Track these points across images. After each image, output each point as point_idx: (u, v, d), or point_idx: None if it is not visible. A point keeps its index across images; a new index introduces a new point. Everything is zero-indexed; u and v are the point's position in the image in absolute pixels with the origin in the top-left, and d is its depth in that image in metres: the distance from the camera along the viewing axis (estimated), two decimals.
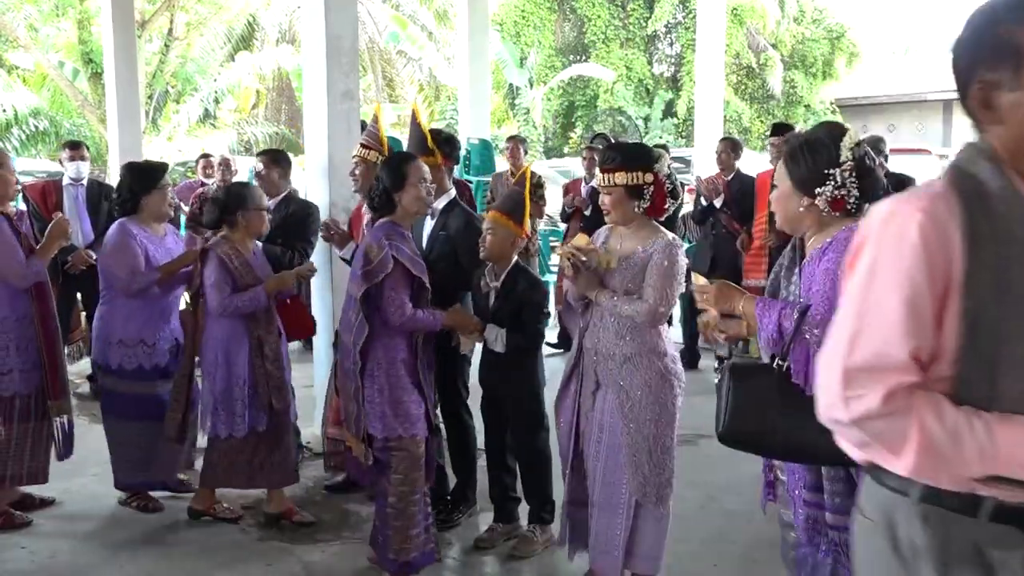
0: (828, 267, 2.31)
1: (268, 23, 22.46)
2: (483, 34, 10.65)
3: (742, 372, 2.37)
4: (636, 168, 3.06)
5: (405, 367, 3.40)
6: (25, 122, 17.15)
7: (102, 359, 4.17)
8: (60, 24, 18.64)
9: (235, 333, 3.93)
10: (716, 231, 6.69)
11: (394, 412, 3.34)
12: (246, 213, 3.96)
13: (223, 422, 3.92)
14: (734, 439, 2.34)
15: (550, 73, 23.70)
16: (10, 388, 3.97)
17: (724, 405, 2.32)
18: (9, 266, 3.90)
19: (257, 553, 3.78)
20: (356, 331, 3.35)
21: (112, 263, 4.09)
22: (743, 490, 4.16)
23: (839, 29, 25.45)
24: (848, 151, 2.35)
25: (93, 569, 3.69)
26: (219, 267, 3.87)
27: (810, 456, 2.29)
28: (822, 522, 2.40)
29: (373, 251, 3.30)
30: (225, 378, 3.91)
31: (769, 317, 2.35)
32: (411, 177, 3.43)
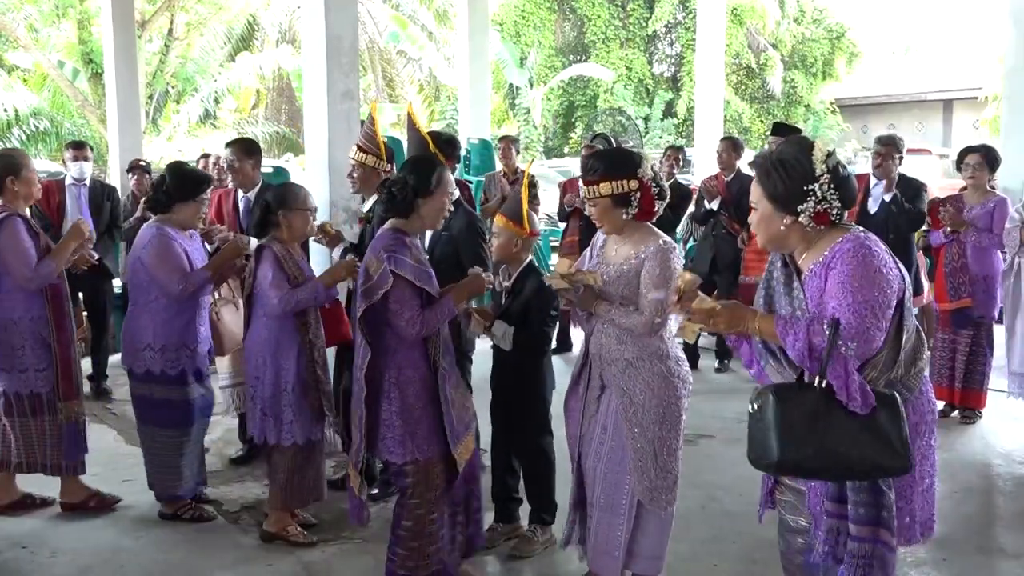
0: (843, 280, 2.27)
1: (268, 23, 22.45)
2: (483, 34, 10.66)
3: (782, 395, 2.31)
4: (620, 176, 3.02)
5: (424, 386, 3.18)
6: (26, 122, 17.14)
7: (139, 366, 4.02)
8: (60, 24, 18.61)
9: (284, 336, 3.78)
10: (716, 231, 6.70)
11: (412, 434, 3.15)
12: (289, 214, 3.81)
13: (270, 430, 3.79)
14: (791, 466, 2.30)
15: (550, 73, 23.71)
16: (27, 386, 4.05)
17: (773, 431, 2.26)
18: (18, 268, 3.94)
19: (257, 553, 3.79)
20: (361, 352, 3.15)
21: (159, 268, 3.94)
22: (743, 490, 4.16)
23: (839, 29, 25.46)
24: (822, 164, 2.33)
25: (93, 569, 3.69)
26: (275, 265, 3.74)
27: (857, 472, 2.29)
28: (844, 533, 2.38)
29: (372, 265, 3.10)
30: (273, 383, 3.77)
31: (795, 335, 2.30)
32: (441, 186, 3.21)
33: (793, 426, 2.26)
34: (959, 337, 5.54)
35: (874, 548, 2.35)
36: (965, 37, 29.94)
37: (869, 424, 2.23)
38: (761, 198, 2.42)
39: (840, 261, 2.30)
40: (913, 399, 2.40)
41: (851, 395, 2.24)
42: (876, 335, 2.26)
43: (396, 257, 3.08)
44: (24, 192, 4.07)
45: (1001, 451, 5.09)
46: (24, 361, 4.03)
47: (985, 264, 5.48)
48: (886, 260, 2.31)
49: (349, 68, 5.17)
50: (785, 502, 2.59)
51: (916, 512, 2.44)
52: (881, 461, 2.25)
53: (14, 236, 3.94)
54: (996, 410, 5.63)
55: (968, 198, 5.56)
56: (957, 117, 26.24)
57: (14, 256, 3.94)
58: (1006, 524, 4.12)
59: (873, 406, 2.24)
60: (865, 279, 2.26)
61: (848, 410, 2.24)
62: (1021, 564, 3.71)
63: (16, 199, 4.05)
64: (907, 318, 2.35)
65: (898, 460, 2.24)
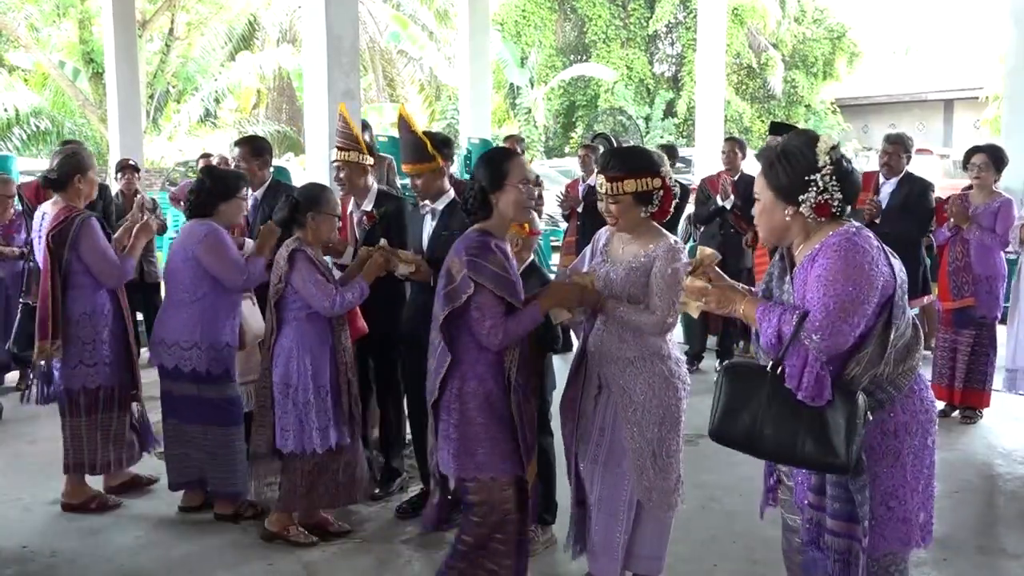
0: (820, 273, 2.29)
1: (269, 23, 22.48)
2: (484, 34, 10.67)
3: (737, 373, 2.45)
4: (644, 175, 3.01)
5: (489, 401, 2.94)
6: (26, 122, 17.18)
7: (185, 365, 3.97)
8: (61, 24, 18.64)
9: (318, 338, 3.70)
10: (724, 230, 6.69)
11: (468, 451, 2.93)
12: (317, 216, 3.71)
13: (309, 437, 3.67)
14: (724, 438, 2.44)
15: (551, 73, 23.72)
16: (96, 380, 4.12)
17: (716, 403, 2.41)
18: (105, 268, 4.07)
19: (258, 553, 3.78)
20: (439, 358, 2.96)
21: (218, 263, 3.91)
22: (743, 490, 4.16)
23: (840, 29, 25.46)
24: (825, 155, 2.34)
25: (93, 569, 3.69)
26: (313, 266, 3.64)
27: (796, 460, 2.36)
28: (823, 526, 2.40)
29: (455, 267, 2.90)
30: (308, 388, 3.66)
31: (769, 321, 2.35)
32: (512, 176, 2.98)
33: (733, 402, 2.38)
34: (960, 337, 5.54)
35: (850, 544, 2.36)
36: (966, 37, 29.95)
37: (817, 418, 2.27)
38: (764, 189, 2.44)
39: (823, 254, 2.32)
40: (902, 398, 2.38)
41: (802, 385, 2.29)
42: (844, 329, 2.26)
43: (476, 262, 2.87)
44: (86, 191, 4.21)
45: (1002, 451, 5.09)
46: (95, 355, 4.10)
47: (988, 264, 5.48)
48: (872, 257, 2.30)
49: (350, 68, 5.18)
50: (785, 501, 2.59)
51: (912, 514, 2.42)
52: (820, 456, 2.29)
53: (96, 236, 4.06)
54: (997, 410, 5.63)
55: (973, 198, 5.56)
56: (958, 117, 26.25)
57: (102, 256, 4.06)
58: (1007, 524, 4.11)
59: (828, 400, 2.27)
60: (841, 273, 2.26)
61: (799, 400, 2.29)
62: (1022, 564, 3.70)
63: (78, 197, 4.17)
64: (897, 315, 2.33)
65: (837, 459, 2.26)
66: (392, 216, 4.18)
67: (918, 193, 5.70)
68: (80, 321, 4.08)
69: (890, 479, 2.38)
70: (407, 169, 3.99)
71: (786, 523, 2.61)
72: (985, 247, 5.45)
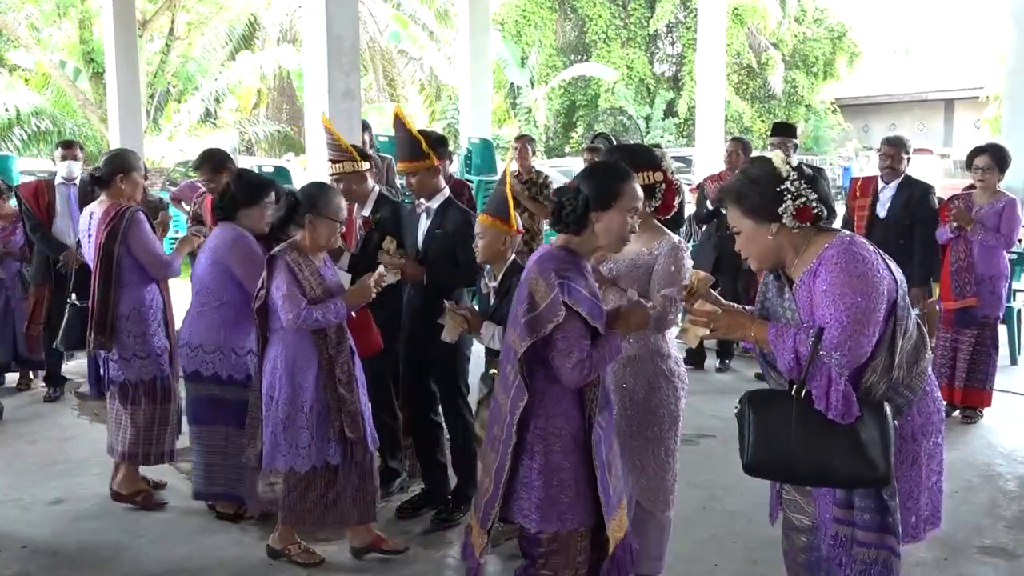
0: (826, 288, 2.28)
1: (269, 23, 22.48)
2: (484, 34, 10.67)
3: (762, 402, 2.37)
4: (646, 169, 3.02)
5: (573, 439, 2.63)
6: (27, 122, 17.16)
7: (207, 369, 3.94)
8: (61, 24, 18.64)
9: (301, 351, 3.52)
10: (721, 232, 6.69)
11: (554, 499, 2.63)
12: (316, 219, 3.52)
13: (283, 454, 3.53)
14: (760, 469, 2.35)
15: (551, 73, 23.72)
16: (149, 372, 4.21)
17: (747, 436, 2.32)
18: (154, 260, 4.19)
19: (258, 553, 3.78)
20: (514, 395, 2.61)
21: (247, 270, 3.83)
22: (743, 490, 4.15)
23: (840, 29, 25.47)
24: (784, 165, 2.37)
25: (94, 569, 3.69)
26: (288, 276, 3.46)
27: (837, 481, 2.32)
28: (851, 540, 2.39)
29: (540, 290, 2.55)
30: (288, 403, 3.51)
31: (784, 343, 2.33)
32: (624, 200, 2.64)
33: (765, 432, 2.31)
34: (961, 336, 5.54)
35: (879, 553, 2.36)
36: (966, 37, 29.93)
37: (850, 435, 2.24)
38: (740, 218, 2.43)
39: (824, 268, 2.30)
40: (917, 400, 2.39)
41: (831, 405, 2.25)
42: (862, 342, 2.26)
43: (570, 286, 2.53)
44: (129, 191, 4.27)
45: (1002, 451, 5.08)
46: (147, 348, 4.19)
47: (991, 264, 5.47)
48: (873, 264, 2.29)
49: (350, 67, 5.18)
50: (790, 501, 2.59)
51: (922, 511, 2.45)
52: (860, 473, 2.26)
53: (143, 229, 4.17)
54: (997, 410, 5.63)
55: (977, 198, 5.55)
56: (958, 117, 26.25)
57: (150, 249, 4.18)
58: (1007, 524, 4.11)
59: (857, 416, 2.24)
60: (848, 286, 2.25)
61: (828, 420, 2.25)
62: (1022, 564, 3.70)
63: (121, 197, 4.23)
64: (903, 318, 2.33)
65: (877, 473, 2.25)
66: (388, 222, 4.17)
67: (919, 197, 5.71)
68: (131, 316, 4.16)
69: (908, 481, 2.40)
70: (401, 167, 4.00)
71: (790, 522, 2.60)
72: (989, 247, 5.45)
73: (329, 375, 3.52)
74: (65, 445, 5.17)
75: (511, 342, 2.64)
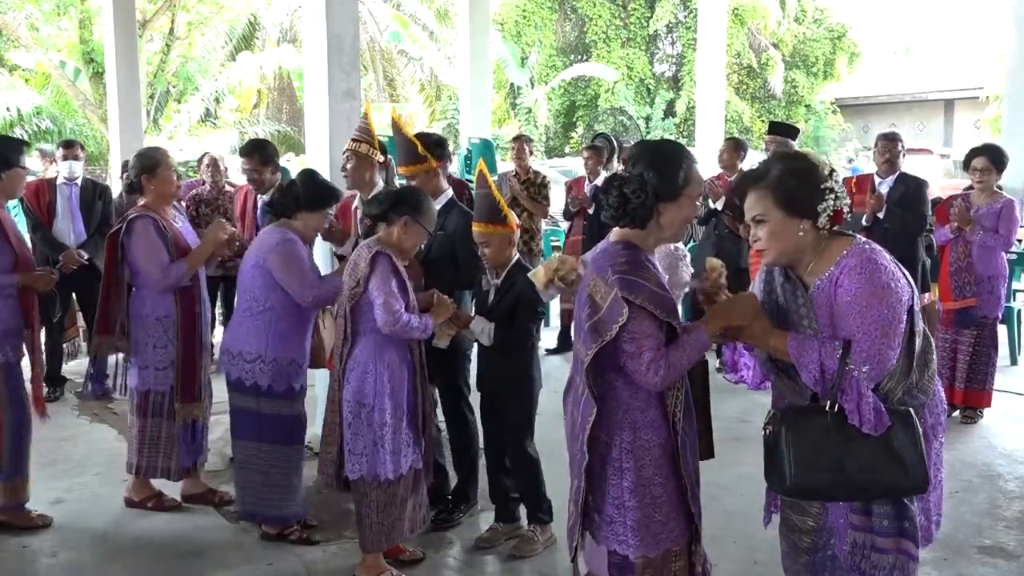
0: (851, 300, 2.25)
1: (269, 23, 22.46)
2: (484, 34, 10.66)
3: (795, 419, 2.30)
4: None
5: (663, 451, 2.44)
6: (28, 121, 17.15)
7: (248, 379, 3.73)
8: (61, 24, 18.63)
9: (398, 352, 3.38)
10: (719, 231, 6.71)
11: (648, 519, 2.44)
12: (411, 224, 3.39)
13: (386, 463, 3.33)
14: (805, 490, 2.30)
15: (551, 73, 23.71)
16: (146, 384, 4.06)
17: (787, 457, 2.26)
18: (148, 269, 3.97)
19: (258, 553, 3.79)
20: (583, 408, 2.43)
21: (290, 276, 3.65)
22: (743, 490, 4.15)
23: (840, 29, 25.45)
24: (827, 166, 2.34)
25: (94, 569, 3.69)
26: (393, 276, 3.30)
27: (882, 492, 2.29)
28: (870, 547, 2.37)
29: (600, 290, 2.37)
30: (389, 410, 3.33)
31: (809, 356, 2.28)
32: (691, 187, 2.44)
33: (806, 452, 2.25)
34: (961, 336, 5.54)
35: (897, 559, 2.35)
36: (966, 37, 29.93)
37: (885, 446, 2.22)
38: (771, 208, 2.34)
39: (847, 278, 2.27)
40: (929, 402, 2.40)
41: (864, 418, 2.22)
42: (889, 355, 2.24)
43: (629, 280, 2.33)
44: (160, 190, 4.07)
45: (1002, 451, 5.09)
46: (146, 358, 4.04)
47: (990, 264, 5.48)
48: (893, 272, 2.28)
49: (350, 67, 5.17)
50: (790, 501, 2.58)
51: (932, 511, 2.47)
52: (898, 482, 2.24)
53: (144, 236, 3.97)
54: (998, 410, 5.63)
55: (975, 199, 5.56)
56: (958, 117, 26.23)
57: (144, 257, 3.97)
58: (1007, 524, 4.11)
59: (888, 426, 2.23)
60: (874, 296, 2.23)
61: (863, 433, 2.23)
62: (1022, 564, 3.71)
63: (155, 197, 4.07)
64: (917, 323, 2.34)
65: (915, 480, 2.24)
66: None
67: (914, 190, 5.75)
68: (135, 322, 4.04)
69: None
70: (402, 171, 4.02)
71: (791, 523, 2.58)
72: (988, 248, 5.45)
73: (420, 379, 3.45)
74: (65, 445, 5.17)
75: (577, 351, 2.50)
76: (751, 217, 2.40)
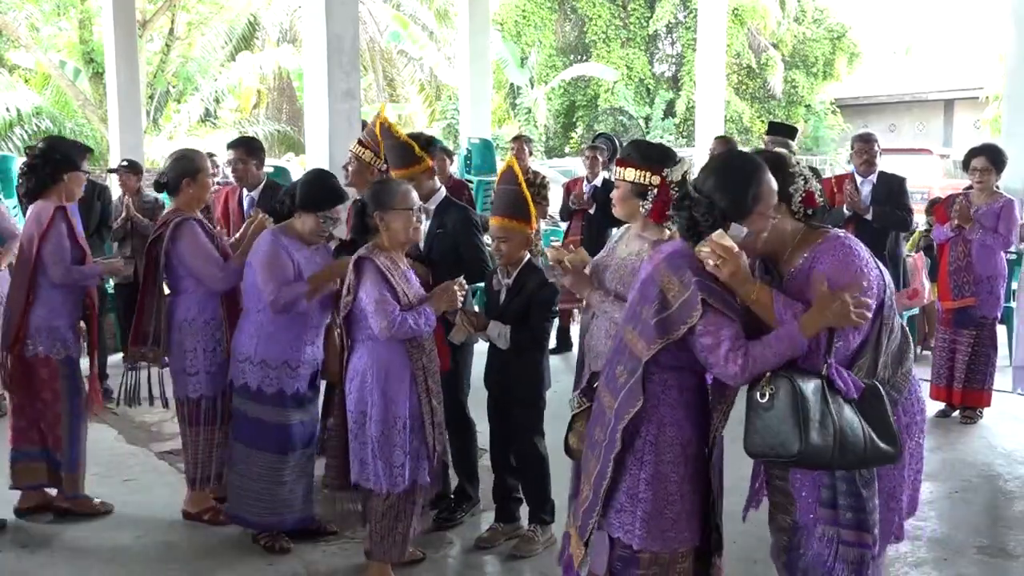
0: (819, 274, 2.31)
1: (269, 23, 22.48)
2: (484, 34, 10.67)
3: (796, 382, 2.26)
4: (645, 168, 2.98)
5: (683, 451, 2.47)
6: (27, 122, 17.17)
7: (237, 378, 3.70)
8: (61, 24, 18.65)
9: (394, 362, 3.28)
10: None
11: (659, 513, 2.46)
12: (386, 214, 3.29)
13: (380, 474, 3.28)
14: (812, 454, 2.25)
15: (551, 73, 23.70)
16: (197, 390, 3.93)
17: (792, 418, 2.23)
18: (207, 270, 3.86)
19: (258, 552, 3.78)
20: (623, 397, 2.43)
21: (263, 275, 3.58)
22: (743, 490, 4.13)
23: (840, 29, 25.44)
24: (792, 156, 2.48)
25: (93, 569, 3.69)
26: (380, 280, 3.22)
27: (866, 459, 2.30)
28: (837, 539, 2.39)
29: (673, 288, 2.35)
30: (382, 419, 3.26)
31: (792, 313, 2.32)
32: (762, 204, 2.37)
33: (813, 412, 2.25)
34: (960, 337, 5.54)
35: (862, 553, 2.38)
36: (966, 37, 29.92)
37: (865, 411, 2.28)
38: None
39: (820, 260, 2.34)
40: (903, 400, 2.43)
41: (845, 384, 2.28)
42: (853, 337, 2.31)
43: (708, 284, 2.33)
44: (197, 195, 3.99)
45: (1002, 451, 5.09)
46: (196, 364, 3.92)
47: (990, 264, 5.48)
48: (867, 260, 2.35)
49: (350, 67, 5.18)
50: (777, 502, 2.59)
51: (904, 510, 2.49)
52: (883, 450, 2.27)
53: (196, 239, 3.86)
54: (997, 410, 5.63)
55: (975, 198, 5.56)
56: (958, 117, 26.22)
57: (201, 259, 3.85)
58: (1007, 524, 4.11)
59: (862, 390, 2.28)
60: (845, 276, 2.29)
61: (851, 400, 2.28)
62: (1022, 564, 3.71)
63: (189, 201, 3.97)
64: (888, 319, 2.36)
65: (895, 445, 2.28)
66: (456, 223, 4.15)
67: (897, 187, 5.81)
68: (181, 327, 3.91)
69: (892, 480, 2.43)
70: (397, 174, 3.97)
71: (776, 522, 2.60)
72: (987, 247, 5.45)
73: (423, 387, 3.31)
74: None
75: (628, 342, 2.46)
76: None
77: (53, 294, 3.98)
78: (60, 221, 3.97)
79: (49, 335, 3.99)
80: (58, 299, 4.00)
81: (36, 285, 3.96)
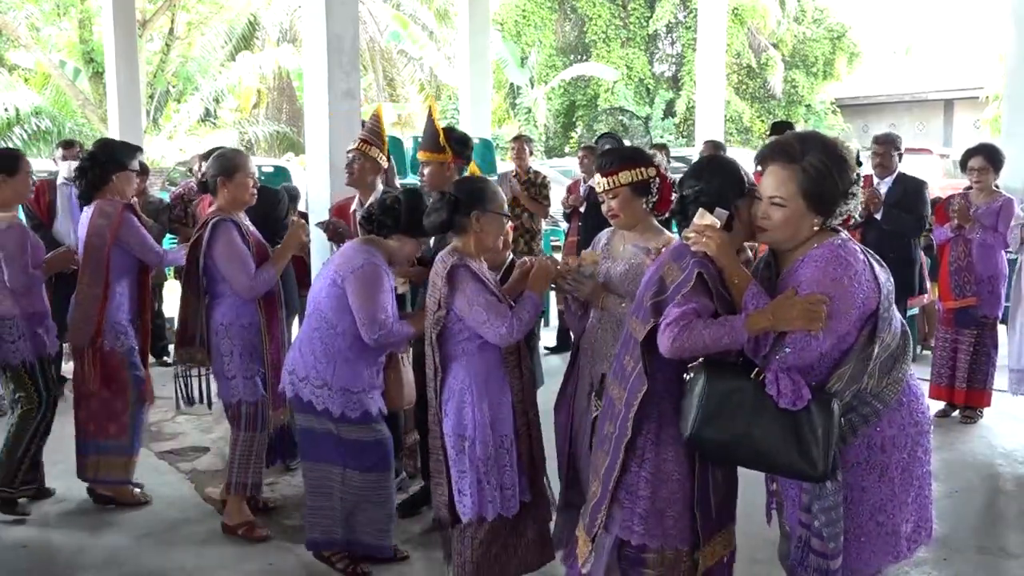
0: (797, 285, 2.26)
1: (269, 23, 22.48)
2: (484, 34, 10.66)
3: (719, 373, 2.30)
4: (638, 165, 2.97)
5: (687, 452, 2.45)
6: (27, 121, 17.17)
7: (320, 403, 3.39)
8: (61, 24, 18.66)
9: (494, 378, 3.02)
10: None
11: (660, 512, 2.45)
12: (484, 216, 3.04)
13: (491, 499, 2.99)
14: (705, 444, 2.31)
15: (551, 73, 23.72)
16: (235, 394, 3.86)
17: (697, 405, 2.26)
18: (238, 277, 3.74)
19: (258, 552, 3.78)
20: (632, 384, 2.43)
21: (364, 306, 3.27)
22: (743, 490, 4.14)
23: (840, 29, 25.47)
24: (856, 169, 2.31)
25: (94, 568, 3.69)
26: (481, 285, 2.95)
27: (775, 467, 2.31)
28: (808, 546, 2.37)
29: (672, 273, 2.39)
30: (489, 441, 2.97)
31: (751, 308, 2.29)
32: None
33: (717, 406, 2.25)
34: (961, 336, 5.54)
35: (828, 564, 2.34)
36: (966, 37, 29.94)
37: (794, 424, 2.21)
38: (796, 196, 2.29)
39: (806, 265, 2.28)
40: (889, 412, 2.33)
41: (781, 392, 2.22)
42: (812, 345, 2.23)
43: (704, 263, 2.37)
44: (236, 196, 3.84)
45: (1002, 451, 5.08)
46: (233, 368, 3.84)
47: (990, 264, 5.47)
48: (856, 271, 2.25)
49: (350, 67, 5.18)
50: (780, 503, 2.59)
51: (901, 526, 2.38)
52: (792, 463, 2.24)
53: (231, 243, 3.74)
54: (997, 410, 5.63)
55: (974, 197, 5.55)
56: (958, 117, 26.23)
57: (235, 265, 3.74)
58: (1007, 524, 4.11)
59: (806, 403, 2.21)
60: (817, 285, 2.22)
61: (779, 408, 2.22)
62: (1022, 564, 3.71)
63: (228, 201, 3.85)
64: (882, 328, 2.27)
65: (813, 468, 2.23)
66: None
67: (913, 191, 5.70)
68: (218, 331, 3.83)
69: (878, 493, 2.35)
70: (421, 156, 4.15)
71: (783, 528, 2.60)
72: (987, 246, 5.45)
73: (520, 400, 3.09)
74: (65, 445, 5.16)
75: (632, 330, 2.48)
76: (768, 197, 2.34)
77: (116, 289, 4.14)
78: (131, 217, 4.14)
79: (112, 329, 4.15)
80: (122, 294, 4.17)
81: (110, 282, 4.11)
